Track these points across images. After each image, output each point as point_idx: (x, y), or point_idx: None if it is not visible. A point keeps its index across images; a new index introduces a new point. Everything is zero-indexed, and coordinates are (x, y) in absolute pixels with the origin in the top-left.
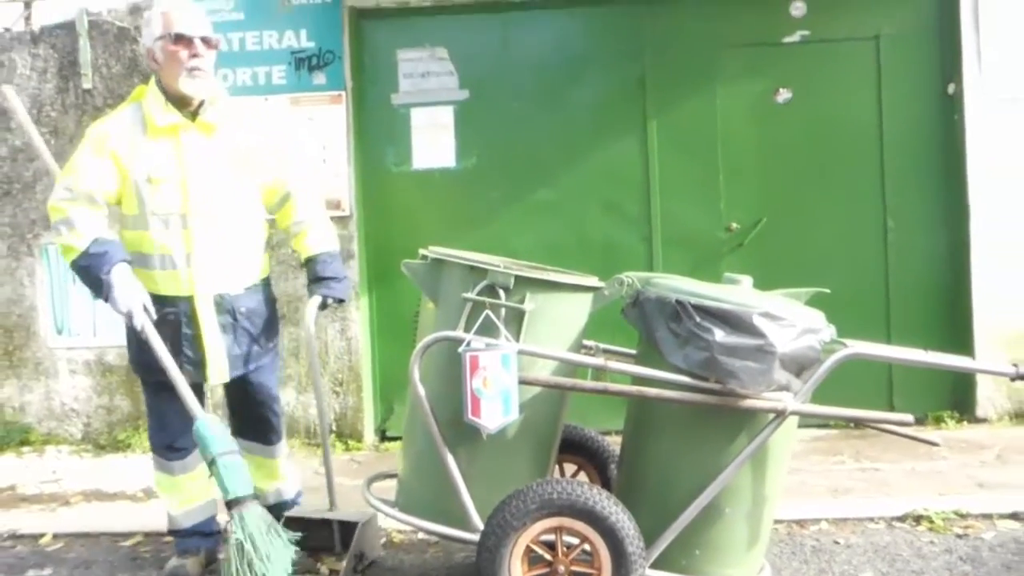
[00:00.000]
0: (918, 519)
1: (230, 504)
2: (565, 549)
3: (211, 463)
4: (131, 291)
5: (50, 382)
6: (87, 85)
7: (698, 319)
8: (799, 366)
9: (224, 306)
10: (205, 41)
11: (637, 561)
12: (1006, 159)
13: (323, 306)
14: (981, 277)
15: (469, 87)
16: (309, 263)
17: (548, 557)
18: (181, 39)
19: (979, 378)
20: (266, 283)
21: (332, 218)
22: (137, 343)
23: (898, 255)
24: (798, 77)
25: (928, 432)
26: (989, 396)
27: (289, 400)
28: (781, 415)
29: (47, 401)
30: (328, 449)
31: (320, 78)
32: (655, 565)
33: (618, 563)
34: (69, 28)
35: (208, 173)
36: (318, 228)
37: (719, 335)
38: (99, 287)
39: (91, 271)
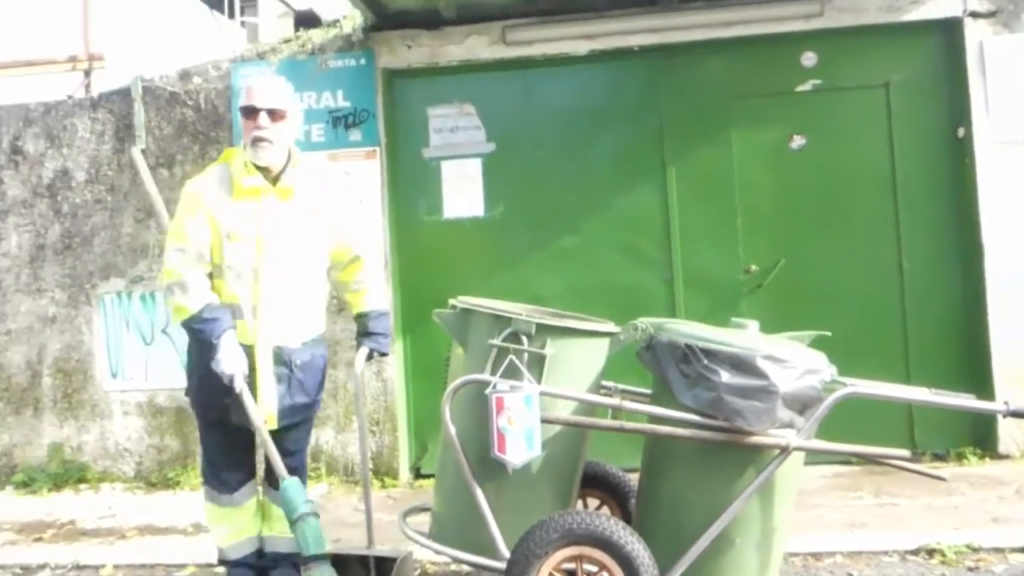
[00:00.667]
0: (931, 552)
1: (306, 560)
2: None
3: (294, 521)
4: (235, 359)
5: (105, 423)
6: (141, 146)
7: (706, 361)
8: (802, 405)
9: (282, 357)
10: (271, 113)
11: None
12: (1017, 199)
13: (368, 357)
14: (997, 315)
15: (495, 140)
16: (361, 318)
17: None
18: (250, 111)
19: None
20: (322, 340)
21: None
22: (198, 381)
23: (914, 294)
24: (811, 124)
25: (948, 469)
26: (1011, 433)
27: (328, 439)
28: (785, 451)
29: (102, 441)
30: (369, 488)
31: (356, 135)
32: None
33: None
34: (125, 94)
35: (282, 233)
36: (375, 289)
37: (725, 376)
38: (208, 349)
39: (203, 335)
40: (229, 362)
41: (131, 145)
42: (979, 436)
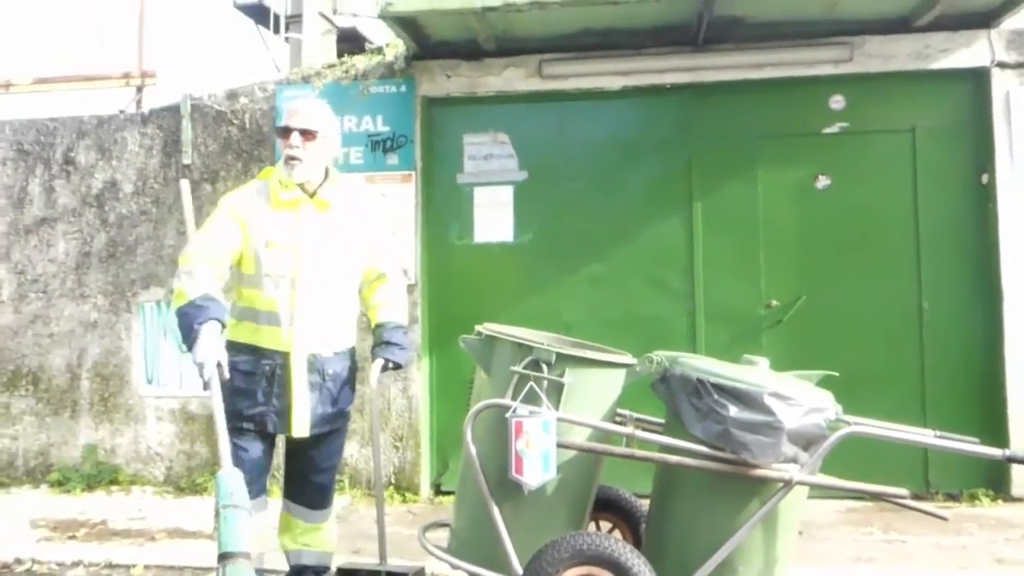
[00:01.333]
0: None
1: (221, 556)
2: None
3: (217, 513)
4: (211, 347)
5: (139, 427)
6: (187, 161)
7: (716, 396)
8: (806, 441)
9: (315, 365)
10: (303, 133)
11: None
12: None
13: (383, 368)
14: (1015, 360)
15: (528, 169)
16: (378, 329)
17: None
18: (284, 131)
19: None
20: (353, 352)
21: None
22: (229, 392)
23: (933, 336)
24: (837, 165)
25: (960, 509)
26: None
27: (353, 453)
28: (788, 484)
29: (135, 445)
30: (382, 504)
31: (393, 159)
32: None
33: None
34: (174, 111)
35: (319, 243)
36: (395, 305)
37: (733, 411)
38: (188, 334)
39: (188, 318)
40: (203, 350)
41: (178, 160)
42: (992, 478)
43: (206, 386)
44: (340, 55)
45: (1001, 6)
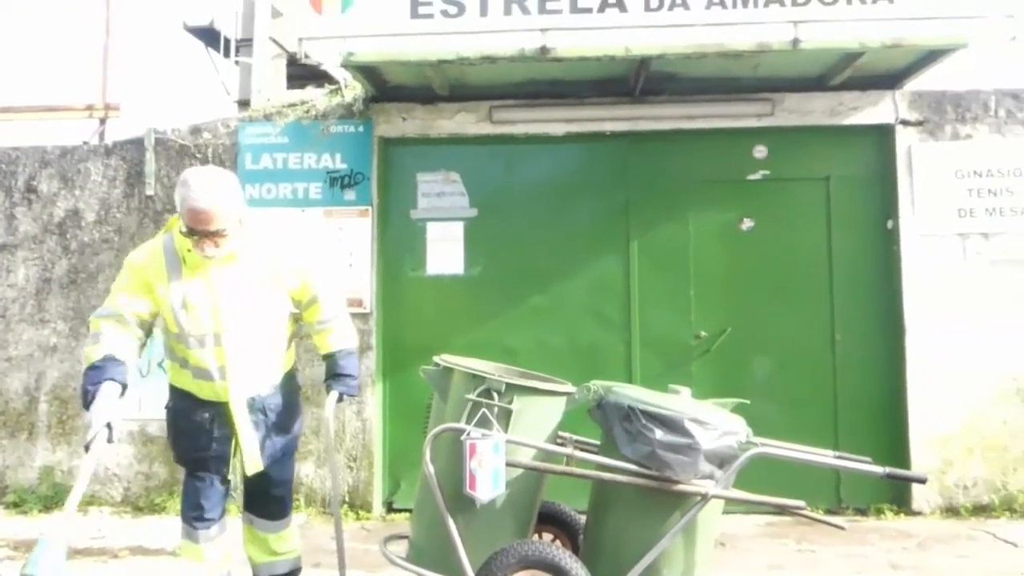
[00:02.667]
0: None
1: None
2: None
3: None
4: (104, 409)
5: None
6: (149, 192)
7: (644, 421)
8: (720, 460)
9: (255, 406)
10: (215, 233)
11: None
12: (935, 285)
13: (339, 399)
14: (915, 387)
15: (477, 206)
16: (328, 359)
17: None
18: (190, 232)
19: None
20: (289, 376)
21: (354, 315)
22: (172, 436)
23: (845, 365)
24: (760, 209)
25: (868, 522)
26: (923, 492)
27: (308, 473)
28: (705, 498)
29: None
30: (340, 522)
31: (350, 195)
32: None
33: None
34: (138, 143)
35: (235, 296)
36: (339, 329)
37: (659, 434)
38: (85, 395)
39: (86, 379)
40: (97, 412)
41: (141, 191)
42: (896, 495)
43: (87, 447)
44: (290, 79)
45: (904, 70)
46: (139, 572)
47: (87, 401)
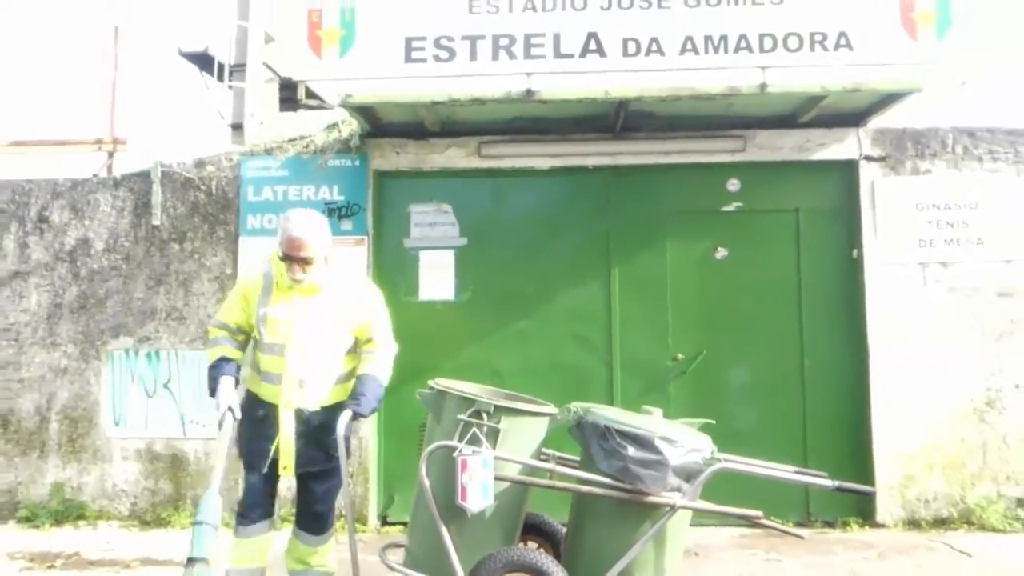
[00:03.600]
0: None
1: (187, 560)
2: None
3: (194, 523)
4: (225, 397)
5: (105, 466)
6: (156, 222)
7: (618, 439)
8: (687, 474)
9: (301, 416)
10: (303, 261)
11: None
12: (897, 312)
13: (353, 418)
14: (878, 408)
15: (467, 236)
16: (357, 380)
17: None
18: (286, 257)
19: (879, 490)
20: (340, 405)
21: None
22: (240, 433)
23: (813, 387)
24: (733, 239)
25: (835, 534)
26: (887, 505)
27: None
28: (673, 509)
29: (102, 482)
30: (353, 534)
31: (347, 225)
32: None
33: None
34: (144, 176)
35: (308, 320)
36: (377, 359)
37: (631, 451)
38: (212, 386)
39: (209, 375)
40: (220, 399)
41: (148, 221)
42: (861, 508)
43: (220, 425)
44: (282, 102)
45: (867, 109)
46: None
47: (212, 390)
